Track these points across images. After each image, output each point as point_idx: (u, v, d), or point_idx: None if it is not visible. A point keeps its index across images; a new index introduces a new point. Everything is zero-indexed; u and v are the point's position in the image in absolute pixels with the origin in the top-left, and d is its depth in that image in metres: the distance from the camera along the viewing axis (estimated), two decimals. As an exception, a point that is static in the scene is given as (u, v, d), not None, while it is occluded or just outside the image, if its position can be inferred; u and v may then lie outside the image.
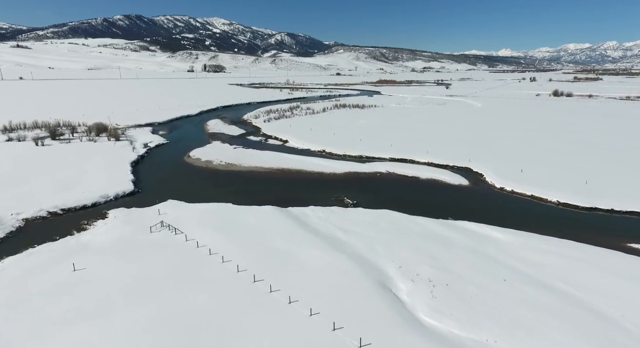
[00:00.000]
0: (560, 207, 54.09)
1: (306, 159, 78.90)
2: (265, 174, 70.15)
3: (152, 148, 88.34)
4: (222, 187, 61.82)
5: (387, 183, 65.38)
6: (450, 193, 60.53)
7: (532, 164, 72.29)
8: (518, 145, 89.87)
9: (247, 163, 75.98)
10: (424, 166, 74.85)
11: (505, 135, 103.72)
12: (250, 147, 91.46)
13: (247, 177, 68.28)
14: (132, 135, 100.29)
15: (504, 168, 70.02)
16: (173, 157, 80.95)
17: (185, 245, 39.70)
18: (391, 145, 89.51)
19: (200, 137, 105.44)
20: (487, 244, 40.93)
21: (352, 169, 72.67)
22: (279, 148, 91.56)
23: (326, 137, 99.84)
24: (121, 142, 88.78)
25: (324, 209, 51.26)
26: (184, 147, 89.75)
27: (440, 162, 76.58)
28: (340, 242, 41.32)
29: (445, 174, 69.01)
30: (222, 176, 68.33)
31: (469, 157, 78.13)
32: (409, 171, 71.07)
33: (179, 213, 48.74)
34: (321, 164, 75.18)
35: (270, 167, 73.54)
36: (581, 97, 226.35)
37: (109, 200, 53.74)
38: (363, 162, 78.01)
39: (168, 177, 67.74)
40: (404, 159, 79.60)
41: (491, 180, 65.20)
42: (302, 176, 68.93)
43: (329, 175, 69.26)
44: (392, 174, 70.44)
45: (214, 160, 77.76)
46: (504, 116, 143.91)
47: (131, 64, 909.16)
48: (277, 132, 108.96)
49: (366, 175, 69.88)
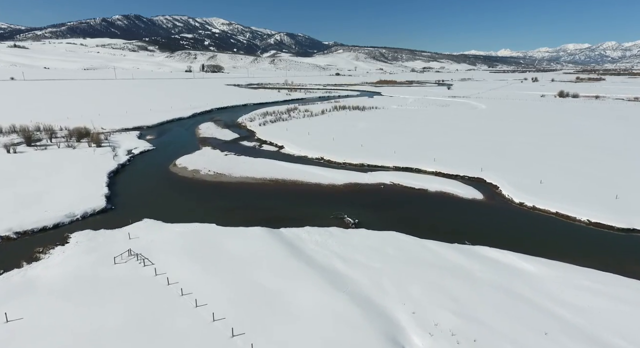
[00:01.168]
0: (591, 226, 47.35)
1: (303, 168, 72.19)
2: (257, 185, 63.42)
3: (136, 155, 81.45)
4: (208, 202, 55.05)
5: (392, 197, 58.68)
6: (464, 210, 53.80)
7: (551, 174, 65.60)
8: (532, 152, 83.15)
9: (237, 173, 69.25)
10: (431, 176, 68.17)
11: (516, 139, 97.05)
12: (243, 153, 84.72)
13: (236, 189, 61.53)
14: (117, 140, 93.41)
15: (520, 179, 63.34)
16: (157, 166, 74.10)
17: (153, 282, 32.92)
18: (395, 151, 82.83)
19: (190, 142, 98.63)
20: (516, 280, 34.19)
21: (353, 179, 65.99)
22: (274, 155, 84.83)
23: (325, 142, 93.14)
24: (102, 149, 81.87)
25: (321, 231, 44.57)
26: (171, 153, 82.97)
27: (449, 171, 69.89)
28: (340, 276, 34.61)
29: (456, 186, 62.29)
30: (209, 189, 61.51)
31: (480, 165, 71.46)
32: (415, 182, 64.34)
33: (152, 236, 41.97)
34: (319, 174, 68.50)
35: (263, 178, 66.82)
36: (588, 98, 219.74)
37: (74, 219, 46.81)
38: (365, 171, 71.32)
39: (148, 190, 60.87)
40: (410, 168, 72.94)
41: (508, 194, 58.47)
42: (298, 188, 62.23)
43: (328, 187, 62.57)
44: (397, 185, 63.73)
45: (202, 170, 70.95)
46: (512, 118, 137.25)
47: (129, 64, 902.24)
48: (273, 136, 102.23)
49: (368, 187, 63.19)
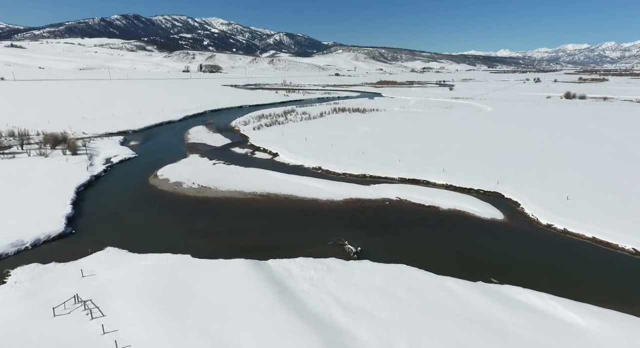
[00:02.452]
0: (638, 257, 40.00)
1: (298, 180, 64.75)
2: (245, 202, 55.91)
3: (115, 164, 73.89)
4: (187, 224, 47.56)
5: (399, 217, 51.24)
6: (483, 234, 46.37)
7: (576, 187, 58.13)
8: (550, 160, 75.67)
9: (225, 186, 61.76)
10: (442, 190, 60.71)
11: (531, 146, 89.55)
12: (234, 162, 77.25)
13: (222, 207, 54.02)
14: (96, 147, 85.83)
15: (543, 193, 55.92)
16: (136, 177, 66.50)
17: (98, 346, 25.45)
18: (399, 160, 75.42)
19: (177, 148, 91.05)
20: (564, 338, 26.78)
21: (355, 194, 58.55)
22: (267, 164, 77.34)
23: (323, 149, 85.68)
24: (78, 157, 74.30)
25: (317, 263, 37.15)
26: (154, 162, 75.40)
27: (461, 184, 62.45)
28: (340, 333, 27.20)
29: (471, 203, 54.80)
30: (191, 206, 53.96)
31: (495, 177, 64.08)
32: (424, 198, 56.85)
33: (111, 273, 34.49)
34: (316, 187, 61.04)
35: (253, 192, 59.35)
36: (596, 100, 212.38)
37: (22, 248, 39.27)
38: (367, 183, 63.90)
39: (120, 207, 53.24)
40: (417, 180, 65.51)
41: (532, 213, 51.01)
42: (292, 205, 54.76)
43: (326, 204, 55.11)
44: (404, 201, 56.26)
45: (185, 182, 63.43)
46: (521, 122, 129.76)
47: (126, 63, 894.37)
48: (267, 142, 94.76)
49: (372, 203, 55.72)
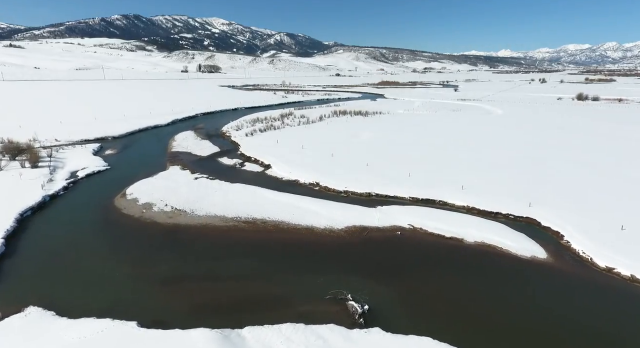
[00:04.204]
0: None
1: (292, 200, 54.60)
2: (225, 232, 45.71)
3: (80, 179, 63.84)
4: (146, 267, 37.39)
5: (415, 253, 41.07)
6: (525, 281, 36.07)
7: (629, 213, 47.51)
8: (586, 174, 64.93)
9: (203, 209, 51.62)
10: (463, 215, 50.37)
11: (557, 155, 79.02)
12: (219, 175, 67.19)
13: (195, 238, 43.82)
14: (64, 157, 75.75)
15: (589, 221, 45.66)
16: (100, 197, 56.29)
17: None
18: (409, 174, 65.24)
19: (157, 158, 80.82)
20: None
21: (358, 220, 48.38)
22: (257, 178, 67.21)
23: (322, 159, 75.53)
24: (37, 171, 64.25)
25: (309, 334, 27.10)
26: (126, 176, 65.31)
27: (486, 206, 52.17)
28: None
29: (502, 234, 44.48)
30: (157, 239, 43.76)
31: (524, 196, 53.87)
32: (444, 226, 46.56)
33: (19, 358, 24.43)
34: (312, 211, 50.90)
35: (236, 217, 49.19)
36: (610, 102, 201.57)
37: None
38: (373, 204, 53.77)
39: (65, 243, 42.88)
40: (432, 200, 55.33)
41: (582, 249, 40.73)
42: (283, 236, 44.59)
43: (324, 234, 44.97)
44: (419, 231, 46.03)
45: (157, 204, 53.29)
46: (538, 126, 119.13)
47: (124, 63, 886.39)
48: (260, 151, 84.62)
49: (380, 233, 45.53)
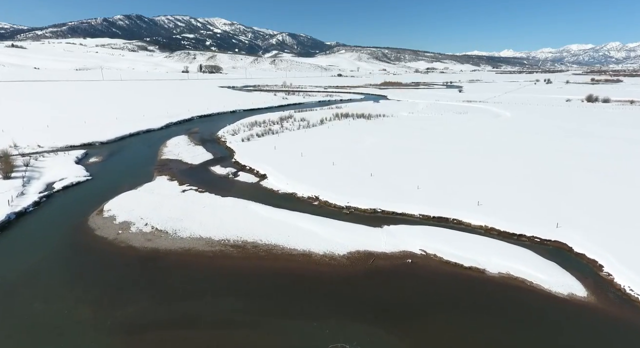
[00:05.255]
0: None
1: (287, 219, 48.65)
2: (210, 259, 39.74)
3: (56, 192, 58.06)
4: (109, 310, 31.34)
5: (429, 290, 34.95)
6: (564, 327, 29.95)
7: (672, 238, 41.57)
8: (618, 189, 57.74)
9: (187, 229, 45.71)
10: (482, 237, 44.23)
11: (579, 164, 72.32)
12: (209, 187, 61.32)
13: (174, 268, 37.82)
14: (43, 166, 70.03)
15: (633, 247, 39.51)
16: (74, 214, 50.36)
17: None
18: (418, 186, 59.23)
19: (144, 167, 74.89)
20: None
21: (363, 243, 42.37)
22: (251, 191, 61.27)
23: (322, 169, 69.56)
24: (9, 183, 58.41)
25: None
26: (108, 188, 59.49)
27: (507, 227, 46.03)
28: None
29: (531, 263, 38.24)
30: (130, 269, 37.77)
31: (550, 213, 47.89)
32: (461, 253, 40.44)
33: None
34: (311, 232, 44.92)
35: (224, 240, 43.28)
36: (622, 104, 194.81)
37: None
38: (378, 222, 47.78)
39: (20, 275, 36.66)
40: (445, 219, 49.27)
41: (628, 285, 34.49)
42: (274, 266, 38.54)
43: (323, 262, 38.97)
44: (433, 259, 39.95)
45: (136, 223, 47.42)
46: (551, 131, 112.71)
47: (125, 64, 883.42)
48: (256, 159, 78.71)
49: (387, 261, 39.47)
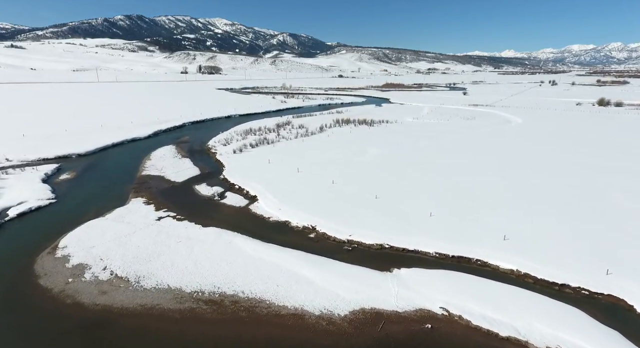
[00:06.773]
0: None
1: (278, 259, 40.30)
2: (174, 325, 31.16)
3: (9, 220, 49.73)
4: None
5: (459, 375, 26.56)
6: None
7: None
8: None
9: (154, 276, 37.37)
10: (516, 289, 35.57)
11: (617, 184, 62.98)
12: (190, 213, 53.06)
13: (128, 338, 29.51)
14: (3, 185, 61.56)
15: None
16: (21, 252, 42.01)
17: None
18: (430, 214, 50.89)
19: (120, 186, 66.50)
20: None
21: (369, 299, 33.93)
22: (238, 218, 52.89)
23: (320, 189, 61.22)
24: (-46, 211, 50.33)
25: None
26: (71, 215, 51.27)
27: (544, 273, 37.57)
28: None
29: (587, 333, 29.59)
30: (68, 341, 29.49)
31: (594, 253, 39.62)
32: (493, 313, 31.96)
33: None
34: (305, 279, 36.54)
35: (197, 294, 34.89)
36: (636, 108, 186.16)
37: None
38: (386, 263, 39.41)
39: None
40: (467, 259, 40.89)
41: None
42: (256, 335, 30.03)
43: (319, 328, 30.54)
44: (459, 323, 31.48)
45: (93, 266, 39.07)
46: (569, 140, 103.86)
47: (124, 64, 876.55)
48: (247, 175, 70.45)
49: (401, 327, 31.02)
